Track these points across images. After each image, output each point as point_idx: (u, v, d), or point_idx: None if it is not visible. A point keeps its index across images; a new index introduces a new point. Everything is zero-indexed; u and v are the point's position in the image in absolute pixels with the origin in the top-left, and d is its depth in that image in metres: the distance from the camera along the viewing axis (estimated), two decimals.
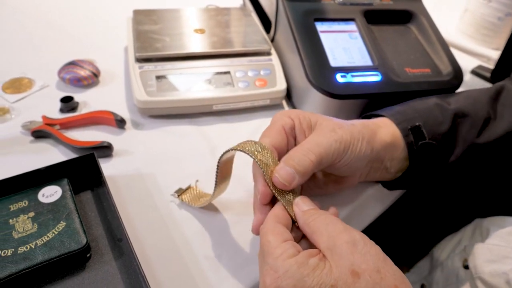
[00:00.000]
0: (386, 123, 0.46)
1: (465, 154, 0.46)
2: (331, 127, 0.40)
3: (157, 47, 0.60)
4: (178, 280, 0.40)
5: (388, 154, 0.44)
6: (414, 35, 0.64)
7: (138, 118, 0.58)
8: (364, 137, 0.41)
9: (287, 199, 0.36)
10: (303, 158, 0.37)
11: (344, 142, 0.39)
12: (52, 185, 0.44)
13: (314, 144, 0.38)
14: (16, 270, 0.36)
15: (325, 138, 0.39)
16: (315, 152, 0.37)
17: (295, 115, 0.41)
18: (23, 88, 0.62)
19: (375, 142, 0.42)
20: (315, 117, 0.42)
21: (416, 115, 0.46)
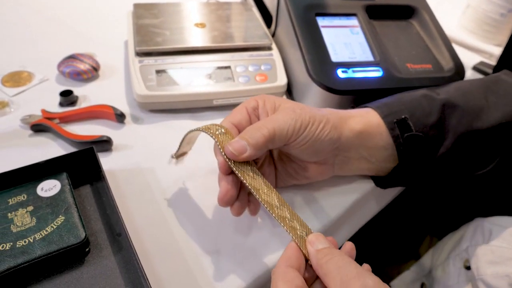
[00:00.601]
0: (364, 114, 0.45)
1: (456, 145, 0.45)
2: (292, 108, 0.41)
3: (158, 41, 0.60)
4: (177, 275, 0.40)
5: (363, 143, 0.44)
6: (416, 30, 0.63)
7: (138, 113, 0.57)
8: (328, 121, 0.41)
9: (298, 234, 0.35)
10: (255, 132, 0.38)
11: (301, 121, 0.40)
12: (51, 179, 0.44)
13: (270, 120, 0.39)
14: (15, 264, 0.36)
15: (282, 115, 0.40)
16: (268, 127, 0.38)
17: (260, 97, 0.43)
18: (23, 82, 0.62)
19: (343, 129, 0.43)
20: (280, 100, 0.43)
21: (402, 107, 0.46)
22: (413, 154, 0.45)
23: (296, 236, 0.35)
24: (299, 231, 0.36)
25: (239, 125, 0.41)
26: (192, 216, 0.45)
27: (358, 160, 0.46)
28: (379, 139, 0.45)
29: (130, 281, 0.38)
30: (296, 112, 0.40)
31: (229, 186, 0.38)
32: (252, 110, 0.42)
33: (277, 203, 0.37)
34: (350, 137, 0.43)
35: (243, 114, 0.42)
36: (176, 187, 0.48)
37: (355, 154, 0.45)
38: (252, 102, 0.42)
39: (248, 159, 0.38)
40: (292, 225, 0.36)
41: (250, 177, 0.38)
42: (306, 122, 0.40)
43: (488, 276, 0.45)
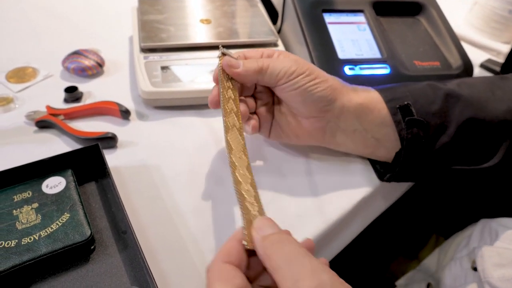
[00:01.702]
0: (369, 92, 0.46)
1: (459, 134, 0.45)
2: (297, 58, 0.44)
3: (162, 37, 0.59)
4: (183, 273, 0.39)
5: (360, 115, 0.45)
6: (423, 27, 0.63)
7: (143, 109, 0.57)
8: (326, 81, 0.43)
9: (251, 215, 0.31)
10: (254, 61, 0.43)
11: (297, 68, 0.42)
12: (56, 176, 0.43)
13: (271, 59, 0.44)
14: (20, 262, 0.36)
15: (283, 58, 0.44)
16: (265, 62, 0.43)
17: (280, 52, 0.45)
18: (27, 78, 0.61)
19: (342, 95, 0.44)
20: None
21: (407, 93, 0.46)
22: (416, 140, 0.44)
23: (247, 218, 0.31)
24: (252, 212, 0.31)
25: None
26: (198, 213, 0.45)
27: (352, 132, 0.46)
28: (377, 114, 0.45)
29: (136, 279, 0.38)
30: (297, 61, 0.43)
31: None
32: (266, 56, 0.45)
33: (246, 173, 0.37)
34: (347, 106, 0.44)
35: (256, 52, 0.46)
36: (182, 184, 0.47)
37: (349, 125, 0.46)
38: (270, 51, 0.46)
39: (237, 76, 0.43)
40: (247, 205, 0.32)
41: (235, 142, 0.39)
42: (301, 71, 0.42)
43: (495, 279, 0.44)
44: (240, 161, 0.38)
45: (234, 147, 0.39)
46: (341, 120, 0.45)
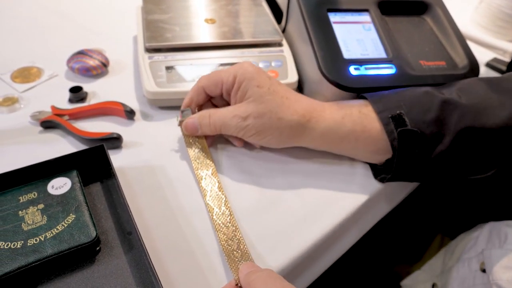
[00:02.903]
0: (359, 120, 0.47)
1: (456, 142, 0.44)
2: (256, 110, 0.45)
3: (167, 37, 0.59)
4: (189, 274, 0.39)
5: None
6: (429, 26, 0.62)
7: (148, 109, 0.57)
8: (292, 128, 0.46)
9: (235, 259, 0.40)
10: (206, 125, 0.48)
11: (249, 128, 0.46)
12: (61, 177, 0.44)
13: (219, 116, 0.47)
14: (26, 263, 0.36)
15: (230, 115, 0.46)
16: (216, 124, 0.47)
17: (239, 79, 0.46)
18: (32, 78, 0.61)
19: (315, 120, 0.47)
20: (254, 86, 0.46)
21: (401, 103, 0.46)
22: (408, 149, 0.44)
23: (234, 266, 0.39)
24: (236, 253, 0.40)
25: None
26: (203, 214, 0.45)
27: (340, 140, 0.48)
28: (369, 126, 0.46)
29: (141, 280, 0.38)
30: (247, 121, 0.45)
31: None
32: (225, 90, 0.48)
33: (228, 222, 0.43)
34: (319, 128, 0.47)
35: (202, 96, 0.50)
36: (187, 185, 0.47)
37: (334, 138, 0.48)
38: (227, 83, 0.47)
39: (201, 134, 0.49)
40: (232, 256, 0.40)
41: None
42: (255, 114, 0.45)
43: (504, 281, 0.44)
44: (217, 200, 0.45)
45: (208, 190, 0.46)
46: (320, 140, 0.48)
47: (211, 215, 0.43)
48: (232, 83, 0.46)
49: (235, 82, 0.46)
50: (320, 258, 0.49)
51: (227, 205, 0.44)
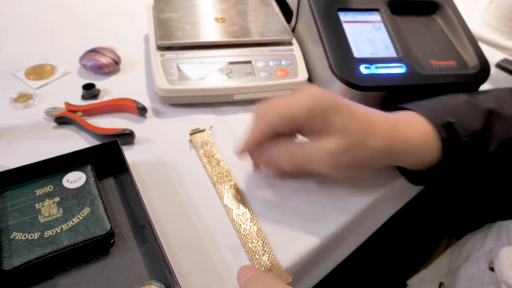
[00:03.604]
0: (413, 121, 0.45)
1: (499, 152, 0.44)
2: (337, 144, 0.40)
3: (178, 35, 0.60)
4: (200, 268, 0.40)
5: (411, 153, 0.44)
6: (439, 26, 0.62)
7: (159, 107, 0.58)
8: (376, 161, 0.42)
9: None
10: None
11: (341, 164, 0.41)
12: (76, 171, 0.44)
13: (305, 155, 0.42)
14: (43, 254, 0.37)
15: (322, 159, 0.41)
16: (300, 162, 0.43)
17: (310, 111, 0.40)
18: (46, 75, 0.62)
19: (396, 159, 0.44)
20: (333, 115, 0.40)
21: (447, 111, 0.45)
22: (457, 158, 0.44)
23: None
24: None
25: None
26: (215, 210, 0.45)
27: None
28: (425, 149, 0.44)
29: (155, 273, 0.38)
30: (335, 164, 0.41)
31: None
32: (297, 125, 0.41)
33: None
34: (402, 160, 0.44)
35: (270, 135, 0.43)
36: (198, 181, 0.48)
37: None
38: (301, 118, 0.40)
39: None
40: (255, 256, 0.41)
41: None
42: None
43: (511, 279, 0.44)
44: (235, 200, 0.46)
45: (225, 192, 0.47)
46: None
47: (230, 216, 0.44)
48: (307, 117, 0.40)
49: (311, 115, 0.40)
50: (328, 257, 0.49)
51: (246, 205, 0.45)
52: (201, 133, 0.53)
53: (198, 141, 0.52)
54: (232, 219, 0.44)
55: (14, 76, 0.62)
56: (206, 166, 0.49)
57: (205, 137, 0.52)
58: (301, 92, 0.41)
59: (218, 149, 0.51)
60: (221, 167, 0.49)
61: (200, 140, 0.52)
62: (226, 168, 0.49)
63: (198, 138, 0.52)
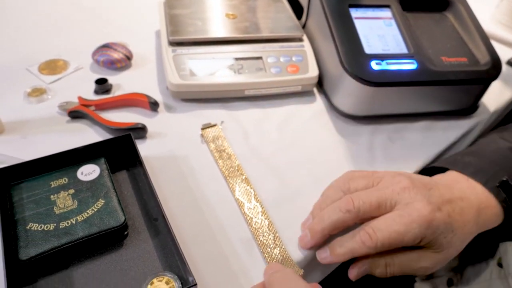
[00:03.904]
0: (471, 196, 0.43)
1: None
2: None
3: (190, 31, 0.60)
4: (213, 260, 0.40)
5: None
6: (450, 23, 0.62)
7: (170, 102, 0.58)
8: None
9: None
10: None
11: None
12: (90, 164, 0.45)
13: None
14: (59, 244, 0.37)
15: (417, 271, 0.40)
16: (395, 272, 0.40)
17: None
18: (58, 70, 0.63)
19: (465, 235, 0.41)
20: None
21: (496, 168, 0.44)
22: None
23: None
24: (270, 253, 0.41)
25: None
26: (227, 204, 0.46)
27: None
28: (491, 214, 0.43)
29: (168, 265, 0.39)
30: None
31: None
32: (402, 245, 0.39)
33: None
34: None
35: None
36: (209, 175, 0.48)
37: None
38: (411, 243, 0.38)
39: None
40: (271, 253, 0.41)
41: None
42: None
43: None
44: (246, 194, 0.46)
45: (237, 186, 0.47)
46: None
47: (242, 210, 0.44)
48: (417, 243, 0.39)
49: (421, 241, 0.38)
50: None
51: (257, 199, 0.45)
52: (213, 128, 0.53)
53: (209, 135, 0.52)
54: (243, 213, 0.44)
55: (28, 70, 0.63)
56: (217, 160, 0.49)
57: (217, 132, 0.53)
58: (409, 213, 0.38)
59: (230, 144, 0.52)
60: (233, 161, 0.49)
61: (211, 135, 0.52)
62: (238, 163, 0.49)
63: (210, 132, 0.53)
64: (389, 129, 0.57)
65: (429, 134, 0.57)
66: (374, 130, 0.57)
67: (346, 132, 0.56)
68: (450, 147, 0.58)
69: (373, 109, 0.57)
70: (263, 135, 0.54)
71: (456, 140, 0.58)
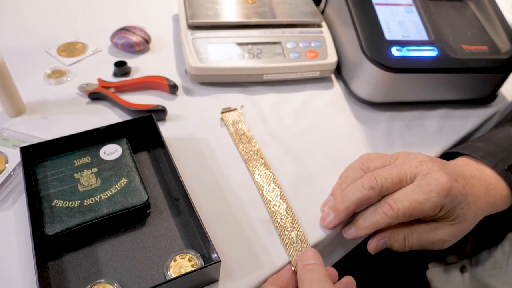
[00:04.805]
0: (481, 176, 0.44)
1: None
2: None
3: (209, 14, 0.60)
4: (233, 240, 0.41)
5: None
6: (471, 11, 0.62)
7: (189, 85, 0.59)
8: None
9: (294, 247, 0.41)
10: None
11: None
12: (112, 144, 0.45)
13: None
14: (84, 221, 0.38)
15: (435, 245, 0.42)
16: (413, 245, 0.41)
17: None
18: (77, 52, 0.63)
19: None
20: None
21: (506, 153, 0.45)
22: None
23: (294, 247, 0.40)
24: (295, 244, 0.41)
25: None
26: (246, 185, 0.46)
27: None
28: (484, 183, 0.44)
29: (190, 243, 0.40)
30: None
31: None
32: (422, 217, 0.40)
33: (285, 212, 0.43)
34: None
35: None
36: (229, 157, 0.49)
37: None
38: (431, 213, 0.39)
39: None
40: (290, 236, 0.41)
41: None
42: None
43: None
44: (265, 178, 0.47)
45: (256, 169, 0.47)
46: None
47: (261, 192, 0.45)
48: (437, 212, 0.39)
49: (441, 210, 0.39)
50: None
51: (276, 182, 0.46)
52: (232, 112, 0.53)
53: (229, 119, 0.52)
54: (262, 195, 0.45)
55: (47, 52, 0.63)
56: (237, 143, 0.50)
57: (236, 116, 0.53)
58: (428, 183, 0.39)
59: (249, 128, 0.52)
60: (252, 145, 0.50)
61: (231, 119, 0.53)
62: (257, 147, 0.49)
63: (229, 116, 0.53)
64: (407, 116, 0.57)
65: (447, 122, 0.57)
66: (392, 117, 0.57)
67: (364, 118, 0.56)
68: (468, 136, 0.58)
69: (392, 95, 0.57)
70: (281, 120, 0.55)
71: (474, 129, 0.58)
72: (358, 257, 0.55)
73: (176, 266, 0.37)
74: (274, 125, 0.54)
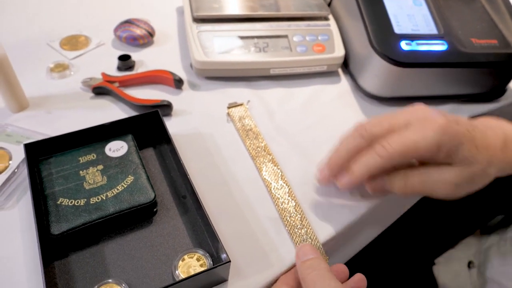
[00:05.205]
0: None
1: None
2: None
3: (215, 7, 0.59)
4: (241, 238, 0.40)
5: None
6: (481, 4, 0.60)
7: (194, 79, 0.58)
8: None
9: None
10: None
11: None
12: (118, 140, 0.45)
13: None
14: (90, 219, 0.37)
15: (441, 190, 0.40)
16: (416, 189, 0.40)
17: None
18: (80, 46, 0.62)
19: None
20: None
21: None
22: None
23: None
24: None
25: None
26: (253, 182, 0.45)
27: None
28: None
29: (198, 241, 0.39)
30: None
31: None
32: (420, 158, 0.40)
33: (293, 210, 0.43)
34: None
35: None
36: (235, 153, 0.48)
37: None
38: (428, 153, 0.37)
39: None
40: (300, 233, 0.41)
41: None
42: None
43: None
44: (273, 175, 0.46)
45: (264, 166, 0.46)
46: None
47: (269, 189, 0.44)
48: (432, 152, 0.37)
49: (437, 149, 0.37)
50: (361, 232, 0.49)
51: (284, 179, 0.45)
52: (239, 107, 0.53)
53: (235, 115, 0.52)
54: (270, 192, 0.44)
55: (49, 46, 0.62)
56: (244, 139, 0.49)
57: (243, 111, 0.52)
58: (423, 123, 0.38)
59: (256, 123, 0.51)
60: (259, 141, 0.49)
61: (237, 114, 0.52)
62: (265, 143, 0.49)
63: (236, 112, 0.52)
64: None
65: None
66: None
67: (371, 113, 0.56)
68: None
69: (400, 90, 0.56)
70: (288, 114, 0.54)
71: None
72: (365, 253, 0.55)
73: (185, 265, 0.36)
74: (281, 120, 0.53)
